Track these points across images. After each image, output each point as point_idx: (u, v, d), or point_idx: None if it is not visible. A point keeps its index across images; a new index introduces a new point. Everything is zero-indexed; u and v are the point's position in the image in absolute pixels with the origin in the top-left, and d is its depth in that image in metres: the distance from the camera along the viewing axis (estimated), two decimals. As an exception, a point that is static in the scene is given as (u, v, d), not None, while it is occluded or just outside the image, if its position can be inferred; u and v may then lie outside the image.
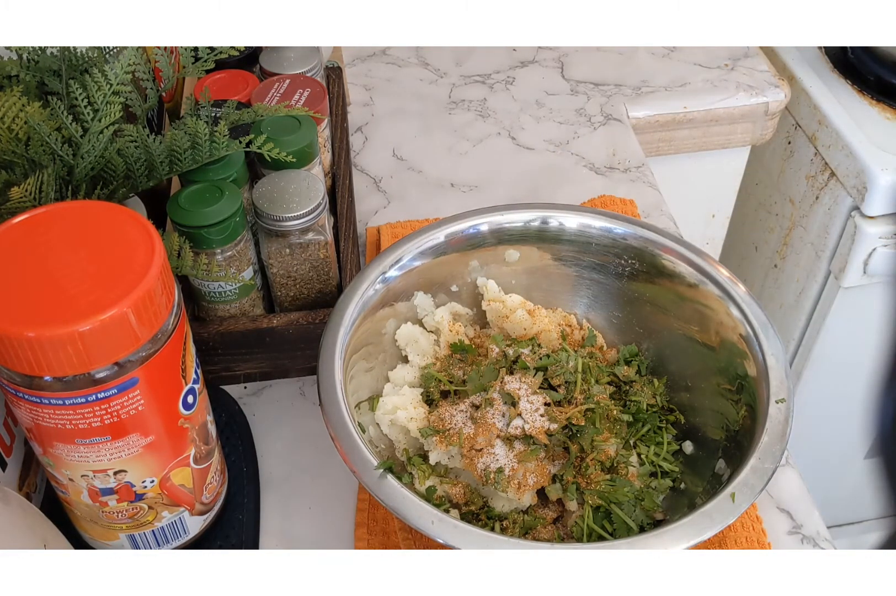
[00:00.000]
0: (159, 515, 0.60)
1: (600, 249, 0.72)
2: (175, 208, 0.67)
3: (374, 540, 0.67)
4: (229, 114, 0.71)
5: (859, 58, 1.11)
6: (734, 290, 0.67)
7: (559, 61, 1.10)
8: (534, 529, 0.63)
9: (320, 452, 0.72)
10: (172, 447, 0.57)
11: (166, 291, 0.52)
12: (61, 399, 0.50)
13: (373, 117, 1.03)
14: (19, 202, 0.59)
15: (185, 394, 0.56)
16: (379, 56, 1.12)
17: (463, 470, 0.64)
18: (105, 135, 0.63)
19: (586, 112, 1.04)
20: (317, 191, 0.70)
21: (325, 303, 0.75)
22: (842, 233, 1.11)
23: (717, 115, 1.06)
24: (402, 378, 0.69)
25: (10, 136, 0.61)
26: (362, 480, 0.57)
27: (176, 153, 0.66)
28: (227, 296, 0.71)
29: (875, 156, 1.03)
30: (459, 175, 0.97)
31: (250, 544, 0.67)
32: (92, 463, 0.54)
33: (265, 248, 0.71)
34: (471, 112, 1.04)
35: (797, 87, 1.12)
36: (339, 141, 0.87)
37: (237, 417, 0.74)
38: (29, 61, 0.69)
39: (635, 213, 0.90)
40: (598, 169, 0.97)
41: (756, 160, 1.22)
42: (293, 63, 0.82)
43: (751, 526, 0.66)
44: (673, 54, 1.11)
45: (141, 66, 0.67)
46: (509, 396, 0.64)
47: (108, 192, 0.66)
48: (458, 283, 0.74)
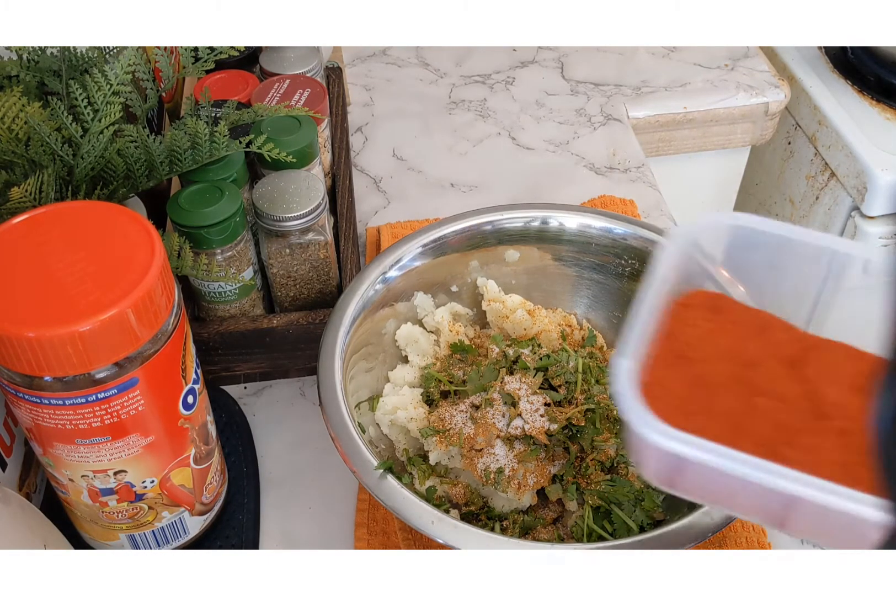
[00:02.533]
0: (159, 515, 0.60)
1: (600, 249, 0.72)
2: (175, 208, 0.67)
3: (374, 540, 0.67)
4: (229, 114, 0.71)
5: (859, 58, 1.11)
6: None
7: (559, 61, 1.10)
8: (534, 529, 0.63)
9: (320, 452, 0.72)
10: (172, 447, 0.57)
11: (166, 292, 0.52)
12: (61, 399, 0.50)
13: (373, 117, 1.03)
14: (19, 202, 0.59)
15: (185, 394, 0.56)
16: (379, 56, 1.12)
17: (463, 470, 0.64)
18: (105, 135, 0.63)
19: (586, 112, 1.04)
20: (317, 191, 0.70)
21: (325, 303, 0.75)
22: (842, 233, 1.11)
23: (717, 116, 1.06)
24: (402, 378, 0.69)
25: (10, 136, 0.61)
26: (362, 481, 0.57)
27: (176, 153, 0.66)
28: (227, 296, 0.71)
29: (875, 156, 1.03)
30: (459, 175, 0.97)
31: (250, 544, 0.66)
32: (92, 463, 0.54)
33: (265, 248, 0.71)
34: (471, 112, 1.04)
35: (797, 87, 1.12)
36: (339, 141, 0.87)
37: (237, 417, 0.74)
38: (29, 61, 0.69)
39: (635, 213, 0.90)
40: (598, 169, 0.97)
41: (756, 160, 1.22)
42: (293, 63, 0.82)
43: (751, 526, 0.66)
44: (673, 54, 1.11)
45: (141, 66, 0.67)
46: (509, 397, 0.64)
47: (108, 192, 0.66)
48: (458, 283, 0.74)
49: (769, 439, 0.44)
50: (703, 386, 0.46)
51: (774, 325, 0.50)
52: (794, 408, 0.45)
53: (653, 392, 0.45)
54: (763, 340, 0.49)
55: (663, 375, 0.46)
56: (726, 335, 0.49)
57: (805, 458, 0.42)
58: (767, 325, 0.50)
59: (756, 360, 0.48)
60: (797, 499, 0.40)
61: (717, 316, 0.50)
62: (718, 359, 0.48)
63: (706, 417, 0.45)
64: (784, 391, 0.46)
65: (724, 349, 0.48)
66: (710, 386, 0.46)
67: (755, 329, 0.50)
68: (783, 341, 0.49)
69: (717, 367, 0.47)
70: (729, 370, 0.47)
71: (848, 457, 0.43)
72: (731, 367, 0.47)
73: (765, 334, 0.50)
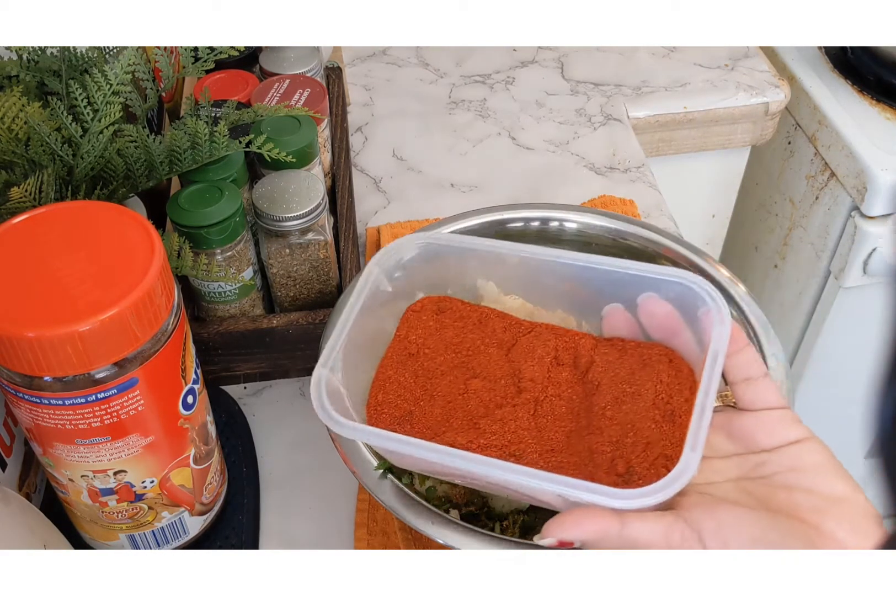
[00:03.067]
0: (159, 515, 0.60)
1: (600, 249, 0.72)
2: (175, 208, 0.67)
3: (374, 540, 0.67)
4: (229, 114, 0.71)
5: (859, 58, 1.11)
6: (734, 290, 0.67)
7: (559, 61, 1.10)
8: (534, 529, 0.63)
9: (320, 452, 0.72)
10: (172, 447, 0.57)
11: (166, 292, 0.52)
12: (61, 399, 0.50)
13: (373, 117, 1.03)
14: (19, 202, 0.59)
15: (185, 394, 0.56)
16: (379, 56, 1.12)
17: (463, 470, 0.64)
18: (105, 135, 0.63)
19: (586, 112, 1.04)
20: (317, 191, 0.70)
21: (325, 303, 0.75)
22: (842, 233, 1.11)
23: (717, 116, 1.06)
24: (401, 378, 0.69)
25: (10, 136, 0.61)
26: (362, 481, 0.57)
27: (176, 153, 0.66)
28: (226, 296, 0.71)
29: (875, 156, 1.03)
30: (459, 175, 0.97)
31: (250, 544, 0.66)
32: (92, 463, 0.54)
33: (265, 248, 0.71)
34: (471, 112, 1.04)
35: (797, 87, 1.12)
36: (339, 141, 0.86)
37: (237, 418, 0.74)
38: (29, 61, 0.69)
39: (635, 213, 0.90)
40: (598, 169, 0.97)
41: (756, 160, 1.22)
42: (293, 63, 0.82)
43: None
44: (673, 54, 1.11)
45: (141, 66, 0.67)
46: (509, 396, 0.64)
47: (108, 192, 0.66)
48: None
49: (473, 414, 0.52)
50: (426, 376, 0.55)
51: (492, 316, 0.58)
52: (499, 385, 0.53)
53: (385, 387, 0.55)
54: (481, 330, 0.57)
55: (394, 372, 0.55)
56: (449, 330, 0.57)
57: (499, 428, 0.51)
58: (485, 317, 0.58)
59: (475, 348, 0.56)
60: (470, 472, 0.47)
61: (441, 316, 0.58)
62: (443, 351, 0.56)
63: (428, 400, 0.53)
64: (494, 373, 0.54)
65: (448, 342, 0.56)
66: (433, 375, 0.55)
67: (475, 322, 0.58)
68: (498, 329, 0.57)
69: (441, 358, 0.56)
70: (452, 359, 0.55)
71: (538, 422, 0.52)
72: (453, 356, 0.56)
73: (483, 326, 0.58)
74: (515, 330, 0.58)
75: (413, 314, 0.58)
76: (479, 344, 0.57)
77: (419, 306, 0.59)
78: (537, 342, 0.56)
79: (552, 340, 0.56)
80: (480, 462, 0.46)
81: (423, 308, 0.59)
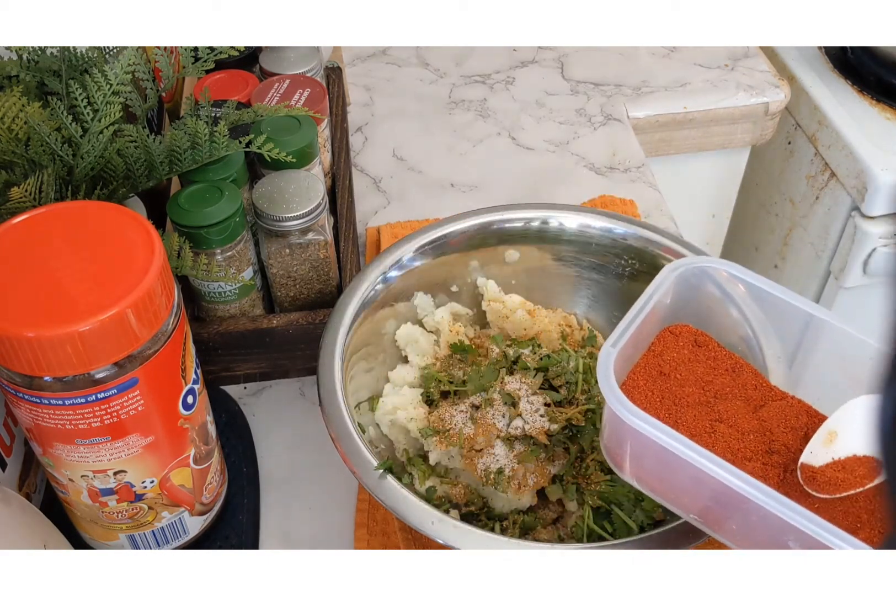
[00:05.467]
0: (159, 515, 0.60)
1: (600, 249, 0.72)
2: (175, 208, 0.67)
3: (374, 540, 0.67)
4: (229, 114, 0.71)
5: (859, 58, 1.11)
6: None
7: (559, 61, 1.10)
8: (534, 530, 0.63)
9: (320, 453, 0.72)
10: (172, 447, 0.57)
11: (166, 292, 0.52)
12: (61, 399, 0.50)
13: (373, 117, 1.03)
14: (19, 202, 0.59)
15: (185, 394, 0.56)
16: (379, 56, 1.12)
17: (463, 470, 0.64)
18: (105, 135, 0.63)
19: (586, 112, 1.04)
20: (317, 191, 0.70)
21: (325, 303, 0.75)
22: (842, 233, 1.11)
23: (717, 116, 1.06)
24: (402, 378, 0.69)
25: (10, 136, 0.61)
26: (362, 481, 0.57)
27: (176, 153, 0.66)
28: (226, 296, 0.71)
29: (875, 156, 1.03)
30: (459, 175, 0.97)
31: (250, 544, 0.66)
32: (92, 463, 0.54)
33: (265, 248, 0.71)
34: (471, 112, 1.04)
35: (797, 87, 1.12)
36: (339, 141, 0.86)
37: (237, 417, 0.74)
38: (29, 61, 0.69)
39: (635, 213, 0.90)
40: (598, 169, 0.97)
41: (756, 160, 1.22)
42: (293, 63, 0.82)
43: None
44: (673, 54, 1.11)
45: (141, 66, 0.67)
46: (509, 397, 0.64)
47: (108, 192, 0.66)
48: (458, 283, 0.74)
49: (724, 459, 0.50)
50: (672, 400, 0.55)
51: (746, 369, 0.58)
52: (748, 439, 0.53)
53: (633, 394, 0.54)
54: (733, 378, 0.57)
55: (645, 384, 0.55)
56: (702, 366, 0.57)
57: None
58: (739, 368, 0.58)
59: (723, 393, 0.56)
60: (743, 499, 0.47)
61: (698, 349, 0.58)
62: (692, 384, 0.56)
63: (671, 425, 0.52)
64: (742, 425, 0.54)
65: (699, 377, 0.57)
66: (680, 403, 0.55)
67: (728, 368, 0.58)
68: (750, 385, 0.57)
69: (689, 389, 0.56)
70: (699, 395, 0.56)
71: (785, 489, 0.52)
72: (701, 393, 0.56)
73: (735, 374, 0.58)
74: (766, 392, 0.58)
75: (669, 335, 0.58)
76: (728, 391, 0.57)
77: (677, 330, 0.59)
78: (790, 413, 0.56)
79: (804, 417, 0.56)
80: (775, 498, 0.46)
81: (680, 333, 0.59)
